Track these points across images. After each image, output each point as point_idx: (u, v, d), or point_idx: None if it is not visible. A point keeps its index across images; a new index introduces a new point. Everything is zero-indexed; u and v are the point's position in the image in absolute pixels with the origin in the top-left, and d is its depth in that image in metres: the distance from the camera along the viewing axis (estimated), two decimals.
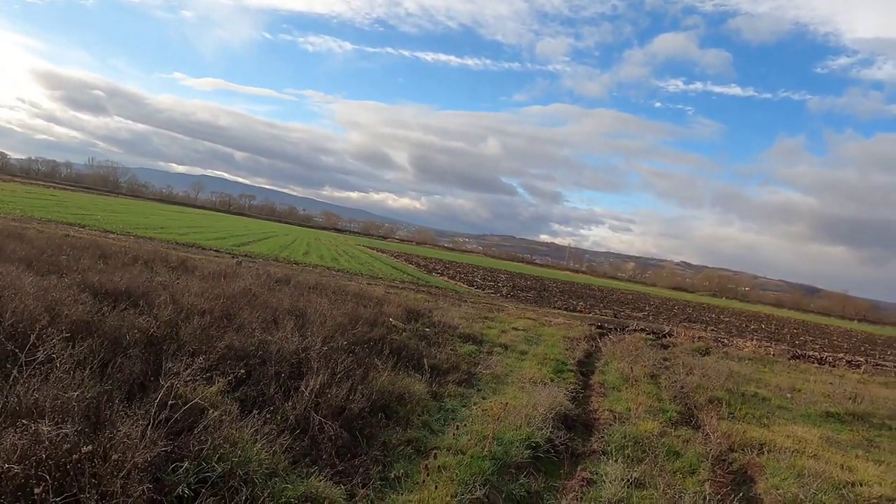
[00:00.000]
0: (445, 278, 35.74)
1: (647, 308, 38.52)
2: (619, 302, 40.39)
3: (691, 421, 8.50)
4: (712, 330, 27.45)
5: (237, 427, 4.47)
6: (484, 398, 7.70)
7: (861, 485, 6.29)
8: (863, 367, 18.75)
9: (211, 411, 4.60)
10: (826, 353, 22.55)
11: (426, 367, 8.02)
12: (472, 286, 32.87)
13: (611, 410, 8.29)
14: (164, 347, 5.97)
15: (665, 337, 19.30)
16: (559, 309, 26.14)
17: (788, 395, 11.52)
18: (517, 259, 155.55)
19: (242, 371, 5.89)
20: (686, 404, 9.36)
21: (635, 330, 19.67)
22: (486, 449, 5.62)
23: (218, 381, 5.35)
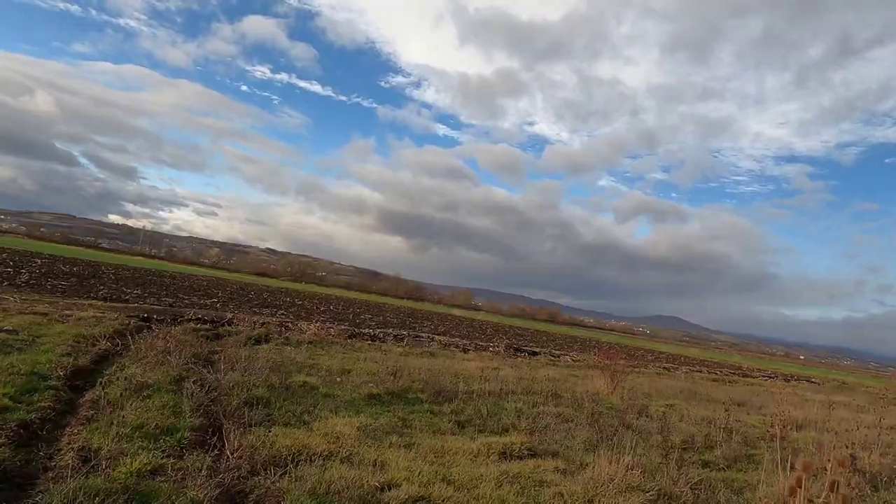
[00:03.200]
0: None
1: (220, 294, 35.77)
2: (191, 289, 36.36)
3: (214, 437, 6.45)
4: (283, 314, 26.82)
5: None
6: None
7: (391, 487, 5.37)
8: (405, 340, 20.75)
9: None
10: (378, 330, 24.50)
11: None
12: None
13: (85, 448, 5.45)
14: None
15: (224, 325, 17.12)
16: (100, 299, 20.92)
17: (338, 380, 10.87)
18: (77, 243, 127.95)
19: None
20: (213, 414, 7.29)
21: (189, 320, 16.83)
22: None
23: None
